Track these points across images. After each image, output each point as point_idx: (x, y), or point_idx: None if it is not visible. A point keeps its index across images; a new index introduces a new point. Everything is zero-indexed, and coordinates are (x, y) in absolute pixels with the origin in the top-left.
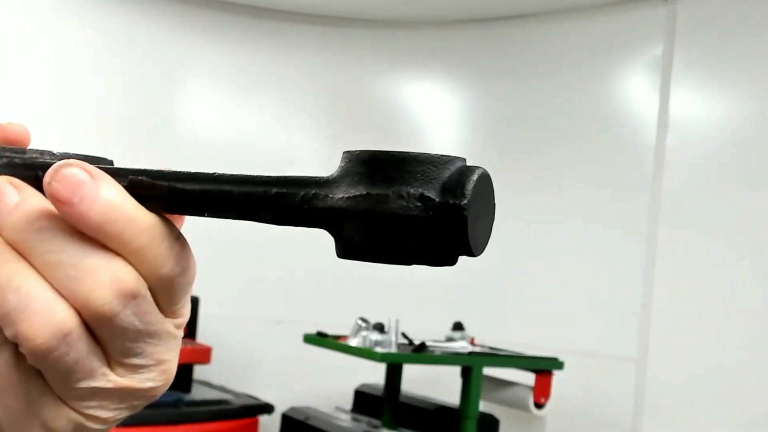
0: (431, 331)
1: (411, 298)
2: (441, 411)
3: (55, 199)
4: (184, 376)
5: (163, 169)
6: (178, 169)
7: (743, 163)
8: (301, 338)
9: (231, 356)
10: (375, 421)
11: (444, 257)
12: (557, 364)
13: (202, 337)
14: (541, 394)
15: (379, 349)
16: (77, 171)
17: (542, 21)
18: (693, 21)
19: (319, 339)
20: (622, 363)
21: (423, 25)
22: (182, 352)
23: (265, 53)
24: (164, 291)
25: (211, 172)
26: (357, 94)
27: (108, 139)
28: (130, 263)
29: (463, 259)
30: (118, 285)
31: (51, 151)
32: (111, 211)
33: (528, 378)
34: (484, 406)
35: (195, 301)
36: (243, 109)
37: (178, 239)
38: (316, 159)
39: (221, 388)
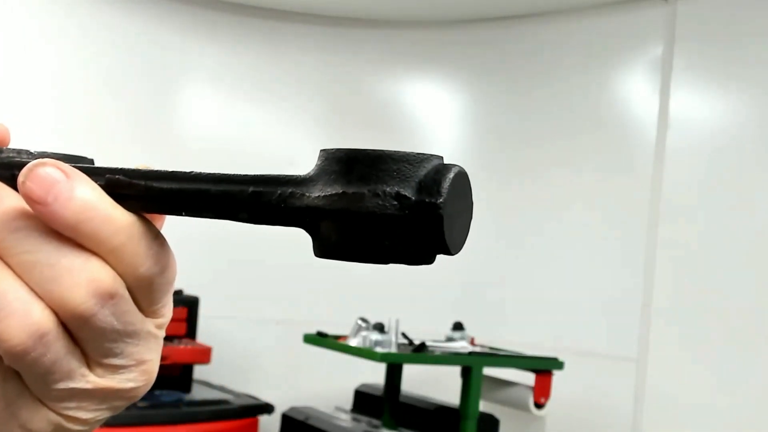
0: (431, 331)
1: (411, 298)
2: (441, 411)
3: (29, 199)
4: (184, 376)
5: (141, 167)
6: (156, 168)
7: (743, 162)
8: (301, 338)
9: (231, 356)
10: (375, 421)
11: (421, 256)
12: (557, 364)
13: (202, 337)
14: (541, 394)
15: (379, 349)
16: (51, 170)
17: (542, 21)
18: (693, 21)
19: (319, 339)
20: (622, 363)
21: (423, 25)
22: (182, 352)
23: (265, 53)
24: (143, 291)
25: (188, 171)
26: (357, 94)
27: (107, 139)
28: (108, 263)
29: (463, 260)
30: (95, 285)
31: (28, 150)
32: (86, 210)
33: (528, 378)
34: (484, 406)
35: (195, 301)
36: (243, 108)
37: (157, 238)
38: (316, 158)
39: (221, 388)
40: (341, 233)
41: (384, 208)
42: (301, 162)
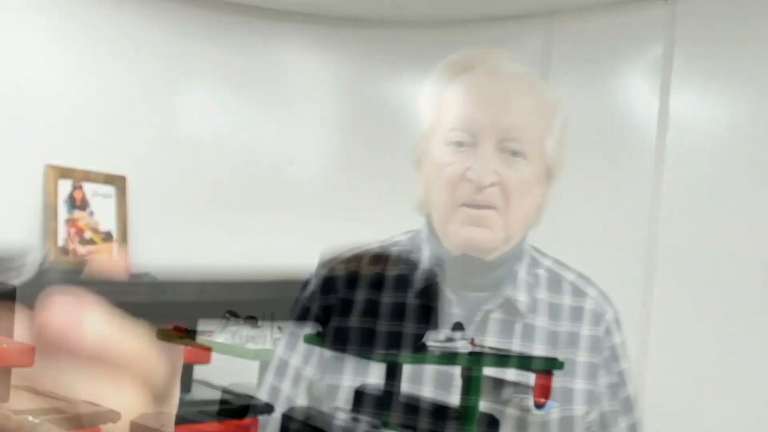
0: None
1: None
2: (441, 411)
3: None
4: (184, 376)
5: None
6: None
7: (744, 163)
8: (300, 338)
9: (231, 356)
10: (375, 421)
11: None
12: (557, 364)
13: (202, 337)
14: (541, 394)
15: None
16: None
17: (542, 21)
18: (693, 21)
19: (320, 339)
20: None
21: (423, 25)
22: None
23: (265, 53)
24: (161, 391)
25: (198, 279)
26: (357, 94)
27: (108, 139)
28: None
29: None
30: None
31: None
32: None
33: (528, 378)
34: (484, 406)
35: None
36: (243, 108)
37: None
38: (317, 158)
39: (221, 388)
40: None
41: None
42: (301, 161)
